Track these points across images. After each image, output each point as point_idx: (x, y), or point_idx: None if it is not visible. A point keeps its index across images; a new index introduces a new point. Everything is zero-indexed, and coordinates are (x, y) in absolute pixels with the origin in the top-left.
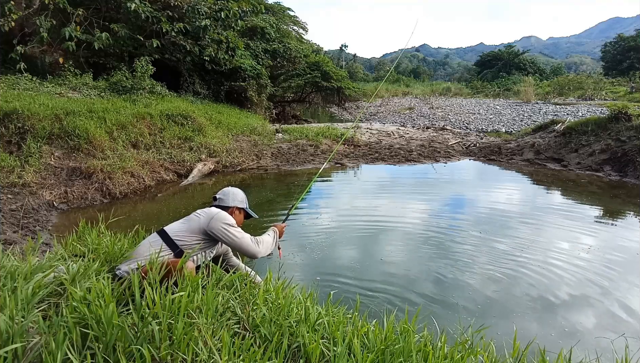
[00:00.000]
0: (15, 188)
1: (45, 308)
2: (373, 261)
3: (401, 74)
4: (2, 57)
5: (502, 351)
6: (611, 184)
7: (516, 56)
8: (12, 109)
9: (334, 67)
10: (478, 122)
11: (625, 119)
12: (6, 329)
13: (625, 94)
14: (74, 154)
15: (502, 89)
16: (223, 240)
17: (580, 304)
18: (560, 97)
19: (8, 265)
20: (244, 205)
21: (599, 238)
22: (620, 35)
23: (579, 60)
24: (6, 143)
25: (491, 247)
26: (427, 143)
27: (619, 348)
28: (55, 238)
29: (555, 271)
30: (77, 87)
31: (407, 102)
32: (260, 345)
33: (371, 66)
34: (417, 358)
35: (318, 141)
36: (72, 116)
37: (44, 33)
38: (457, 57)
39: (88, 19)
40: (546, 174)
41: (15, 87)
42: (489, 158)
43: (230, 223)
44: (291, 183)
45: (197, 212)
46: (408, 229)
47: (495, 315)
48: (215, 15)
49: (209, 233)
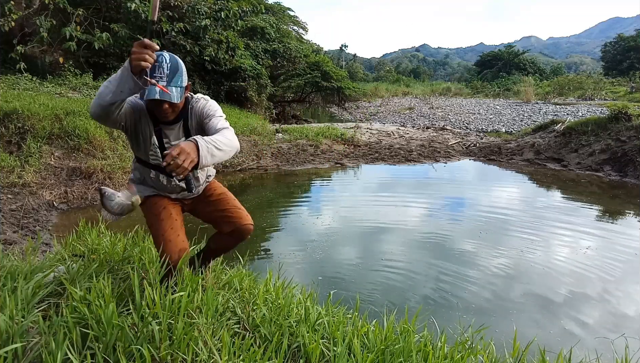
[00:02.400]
0: (15, 188)
1: (45, 308)
2: (373, 261)
3: (401, 74)
4: (2, 57)
5: (502, 351)
6: (611, 184)
7: (516, 56)
8: (12, 109)
9: (334, 67)
10: (478, 122)
11: (625, 119)
12: (6, 329)
13: (625, 94)
14: (74, 154)
15: (502, 89)
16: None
17: (580, 304)
18: (560, 97)
19: (8, 265)
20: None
21: (599, 238)
22: (620, 35)
23: (579, 60)
24: (6, 143)
25: (491, 247)
26: (427, 143)
27: (619, 348)
28: (55, 238)
29: (555, 271)
30: (77, 87)
31: (407, 102)
32: (260, 345)
33: (371, 66)
34: (417, 358)
35: (318, 141)
36: (72, 116)
37: (44, 33)
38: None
39: (88, 19)
40: (546, 174)
41: (15, 87)
42: (489, 158)
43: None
44: (291, 182)
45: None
46: (408, 229)
47: (495, 315)
48: (215, 15)
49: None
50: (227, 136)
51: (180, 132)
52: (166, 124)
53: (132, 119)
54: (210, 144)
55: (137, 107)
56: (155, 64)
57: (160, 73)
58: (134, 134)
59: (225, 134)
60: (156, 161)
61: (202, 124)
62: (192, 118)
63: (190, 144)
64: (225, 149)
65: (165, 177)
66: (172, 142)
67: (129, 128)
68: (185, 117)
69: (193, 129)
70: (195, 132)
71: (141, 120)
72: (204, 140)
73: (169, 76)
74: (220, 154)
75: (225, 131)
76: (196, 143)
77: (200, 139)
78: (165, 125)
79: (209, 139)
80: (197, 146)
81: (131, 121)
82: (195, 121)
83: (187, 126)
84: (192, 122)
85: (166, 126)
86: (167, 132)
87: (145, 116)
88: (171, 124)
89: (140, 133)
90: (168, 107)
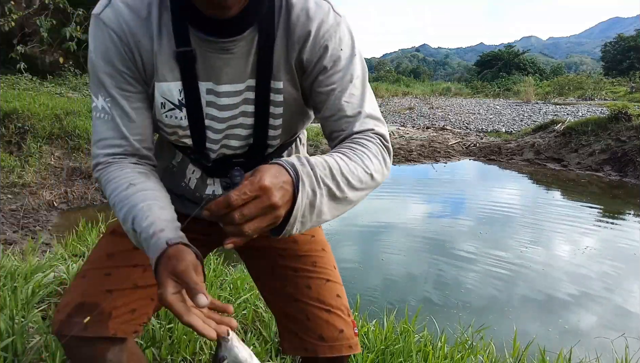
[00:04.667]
0: (15, 188)
1: (45, 308)
2: (373, 261)
3: (401, 74)
4: (2, 57)
5: (502, 351)
6: (611, 184)
7: (516, 56)
8: (12, 109)
9: None
10: (478, 122)
11: (625, 119)
12: (6, 329)
13: (625, 94)
14: (74, 154)
15: (502, 89)
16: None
17: (580, 304)
18: (560, 97)
19: (8, 265)
20: None
21: (599, 237)
22: (620, 35)
23: (579, 60)
24: (6, 143)
25: (491, 247)
26: (427, 143)
27: (619, 348)
28: (55, 238)
29: (555, 271)
30: (77, 87)
31: (407, 102)
32: (262, 345)
33: (371, 66)
34: (417, 358)
35: (318, 141)
36: (72, 116)
37: (44, 33)
38: (457, 57)
39: (88, 19)
40: (546, 174)
41: (15, 87)
42: (489, 157)
43: None
44: None
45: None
46: (408, 229)
47: (495, 315)
48: None
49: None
50: (367, 165)
51: (249, 66)
52: (212, 34)
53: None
54: (327, 186)
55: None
56: None
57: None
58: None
59: (368, 156)
60: (183, 141)
61: (310, 76)
62: (285, 34)
63: (282, 173)
64: (351, 199)
65: (205, 179)
66: (220, 99)
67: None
68: (263, 28)
69: (280, 67)
70: (287, 77)
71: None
72: (317, 170)
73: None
74: (340, 208)
75: (370, 144)
76: (295, 176)
77: (306, 165)
78: (209, 42)
79: (329, 171)
80: (294, 185)
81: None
82: (283, 46)
83: (270, 52)
84: (279, 47)
85: (211, 44)
86: (209, 58)
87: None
88: (226, 37)
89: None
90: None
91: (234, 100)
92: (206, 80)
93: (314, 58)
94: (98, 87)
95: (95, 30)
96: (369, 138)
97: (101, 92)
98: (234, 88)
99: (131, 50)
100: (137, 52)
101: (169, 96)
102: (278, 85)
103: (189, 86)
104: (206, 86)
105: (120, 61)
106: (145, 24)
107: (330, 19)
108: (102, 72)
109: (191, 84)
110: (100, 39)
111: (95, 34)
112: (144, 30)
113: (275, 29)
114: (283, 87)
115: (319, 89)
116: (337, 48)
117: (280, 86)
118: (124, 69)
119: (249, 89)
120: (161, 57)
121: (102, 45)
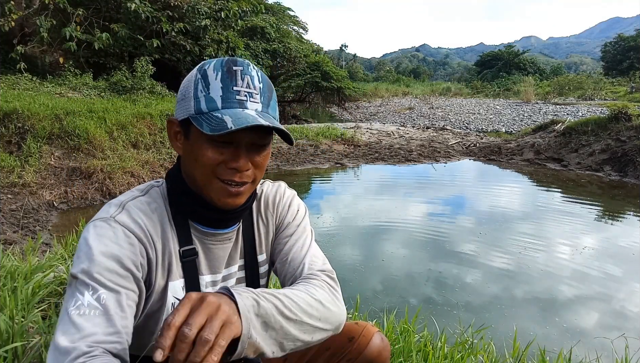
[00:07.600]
0: (15, 188)
1: (45, 308)
2: (374, 261)
3: (401, 74)
4: (2, 57)
5: (502, 351)
6: (611, 184)
7: (516, 56)
8: (12, 109)
9: (334, 67)
10: (478, 122)
11: (625, 119)
12: (6, 329)
13: (625, 94)
14: (74, 154)
15: (502, 89)
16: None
17: (580, 304)
18: (560, 97)
19: (8, 265)
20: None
21: (599, 237)
22: (620, 35)
23: (579, 60)
24: (6, 143)
25: (491, 247)
26: (427, 143)
27: (619, 348)
28: (55, 238)
29: (556, 271)
30: (77, 87)
31: (407, 102)
32: None
33: (371, 66)
34: (417, 358)
35: (318, 141)
36: (72, 116)
37: (44, 33)
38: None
39: (88, 19)
40: (546, 174)
41: (15, 87)
42: (489, 158)
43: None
44: (291, 182)
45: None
46: (409, 229)
47: (495, 315)
48: (215, 15)
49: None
50: (312, 292)
51: (238, 250)
52: (212, 227)
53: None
54: (271, 302)
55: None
56: (234, 69)
57: (248, 86)
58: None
59: (314, 286)
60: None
61: (274, 239)
62: (259, 217)
63: (222, 299)
64: (312, 324)
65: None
66: (216, 287)
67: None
68: (248, 215)
69: (262, 242)
70: (266, 250)
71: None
72: (260, 296)
73: (264, 94)
74: (309, 330)
75: (319, 281)
76: (226, 291)
77: (247, 294)
78: (209, 234)
79: (270, 292)
80: (228, 294)
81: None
82: (262, 225)
83: (252, 234)
84: (259, 228)
85: (210, 237)
86: (210, 250)
87: (170, 226)
88: (222, 229)
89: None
90: (249, 170)
91: (229, 283)
92: (207, 273)
93: (279, 221)
94: (85, 286)
95: (106, 231)
96: (315, 276)
97: (89, 290)
98: (228, 272)
99: (147, 251)
100: (152, 254)
101: (177, 294)
102: (262, 257)
103: (190, 284)
104: (206, 280)
105: (131, 262)
106: (158, 227)
107: (286, 194)
108: (102, 269)
109: (193, 281)
110: (111, 238)
111: (105, 234)
112: (158, 233)
113: (254, 215)
114: (266, 258)
115: (277, 241)
116: (294, 211)
117: (263, 258)
118: (133, 268)
119: (240, 268)
120: (172, 257)
121: (114, 244)
